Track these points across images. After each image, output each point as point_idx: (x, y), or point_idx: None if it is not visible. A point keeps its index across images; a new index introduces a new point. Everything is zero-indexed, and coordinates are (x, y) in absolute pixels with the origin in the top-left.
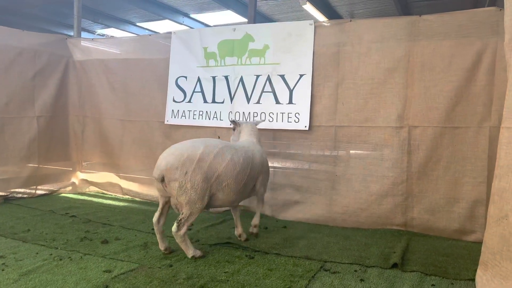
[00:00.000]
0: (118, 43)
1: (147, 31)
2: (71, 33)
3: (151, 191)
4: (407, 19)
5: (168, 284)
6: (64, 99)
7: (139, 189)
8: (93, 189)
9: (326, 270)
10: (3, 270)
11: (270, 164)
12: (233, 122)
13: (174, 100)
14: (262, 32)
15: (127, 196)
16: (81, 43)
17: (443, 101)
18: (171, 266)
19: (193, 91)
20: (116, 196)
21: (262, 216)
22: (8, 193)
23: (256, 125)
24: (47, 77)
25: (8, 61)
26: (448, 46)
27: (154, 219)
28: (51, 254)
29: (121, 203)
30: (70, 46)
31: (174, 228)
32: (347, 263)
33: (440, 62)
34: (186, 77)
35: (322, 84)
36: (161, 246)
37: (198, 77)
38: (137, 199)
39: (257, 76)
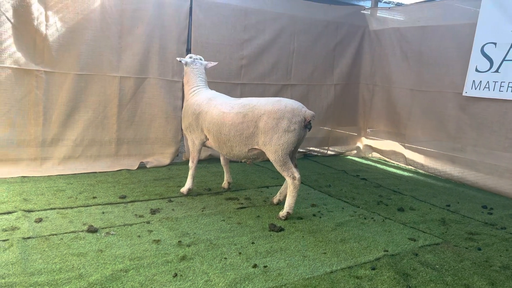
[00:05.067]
0: (416, 10)
1: None
2: (361, 4)
3: (438, 165)
4: None
5: (482, 268)
6: (357, 68)
7: (424, 161)
8: (375, 155)
9: None
10: (320, 217)
11: None
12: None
13: (476, 70)
14: None
15: (410, 167)
16: (377, 13)
17: None
18: (479, 249)
19: (503, 59)
20: (398, 165)
21: None
22: (306, 151)
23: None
24: (345, 47)
25: (317, 34)
26: None
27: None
28: (355, 212)
29: (406, 173)
30: (367, 16)
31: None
32: None
33: None
34: (495, 44)
35: None
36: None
37: None
38: (420, 171)
39: None
